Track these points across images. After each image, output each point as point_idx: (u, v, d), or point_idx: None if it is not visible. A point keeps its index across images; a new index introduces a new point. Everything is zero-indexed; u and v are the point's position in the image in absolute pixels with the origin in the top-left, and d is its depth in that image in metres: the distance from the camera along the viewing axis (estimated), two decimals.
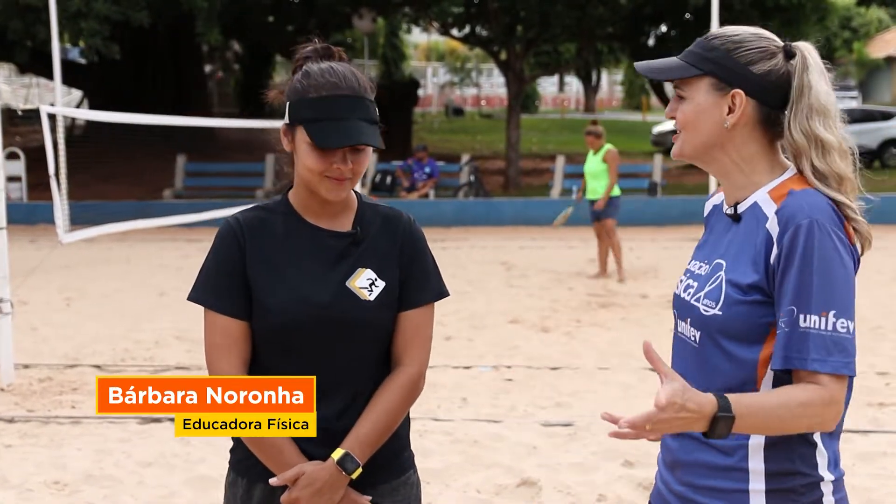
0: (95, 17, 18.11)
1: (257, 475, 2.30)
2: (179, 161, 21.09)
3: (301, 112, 2.25)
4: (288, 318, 2.26)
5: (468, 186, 19.76)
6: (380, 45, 39.65)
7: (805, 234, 1.89)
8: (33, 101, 36.19)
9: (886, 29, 50.79)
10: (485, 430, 5.86)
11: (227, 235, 2.33)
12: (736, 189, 2.07)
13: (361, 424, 2.27)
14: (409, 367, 2.34)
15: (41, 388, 6.95)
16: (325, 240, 2.32)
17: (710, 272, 2.04)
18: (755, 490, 1.96)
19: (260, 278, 2.29)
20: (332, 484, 2.24)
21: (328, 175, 2.24)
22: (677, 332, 2.14)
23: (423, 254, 2.39)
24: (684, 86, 2.06)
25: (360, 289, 2.30)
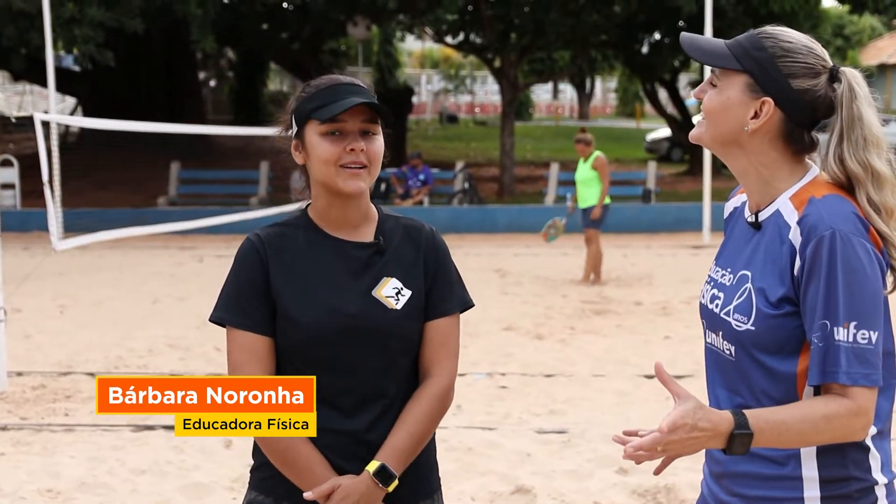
0: (89, 23, 18.10)
1: (284, 493, 2.25)
2: (173, 168, 21.07)
3: (306, 107, 2.26)
4: (317, 331, 2.23)
5: (462, 193, 19.77)
6: (374, 52, 39.67)
7: (828, 246, 1.87)
8: (27, 108, 36.13)
9: (879, 36, 50.98)
10: (479, 437, 5.85)
11: (248, 252, 2.29)
12: (757, 193, 2.03)
13: (395, 436, 2.24)
14: (439, 377, 2.32)
15: (34, 396, 6.94)
16: (348, 251, 2.30)
17: (736, 283, 2.01)
18: (810, 498, 1.94)
19: (286, 293, 2.25)
20: (368, 497, 2.20)
21: (343, 165, 2.23)
22: (707, 343, 2.10)
23: (446, 263, 2.38)
24: (722, 75, 2.02)
25: (387, 298, 2.28)
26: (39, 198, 9.08)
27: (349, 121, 2.23)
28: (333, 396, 2.25)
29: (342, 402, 2.25)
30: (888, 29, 50.58)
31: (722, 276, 2.07)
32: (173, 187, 21.11)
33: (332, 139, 2.23)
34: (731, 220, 2.17)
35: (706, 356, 2.13)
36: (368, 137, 2.26)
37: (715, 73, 2.03)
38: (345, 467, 2.23)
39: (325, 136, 2.23)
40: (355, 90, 2.25)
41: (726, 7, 19.75)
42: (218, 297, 2.32)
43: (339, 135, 2.23)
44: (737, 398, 2.00)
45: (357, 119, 2.24)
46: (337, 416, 2.24)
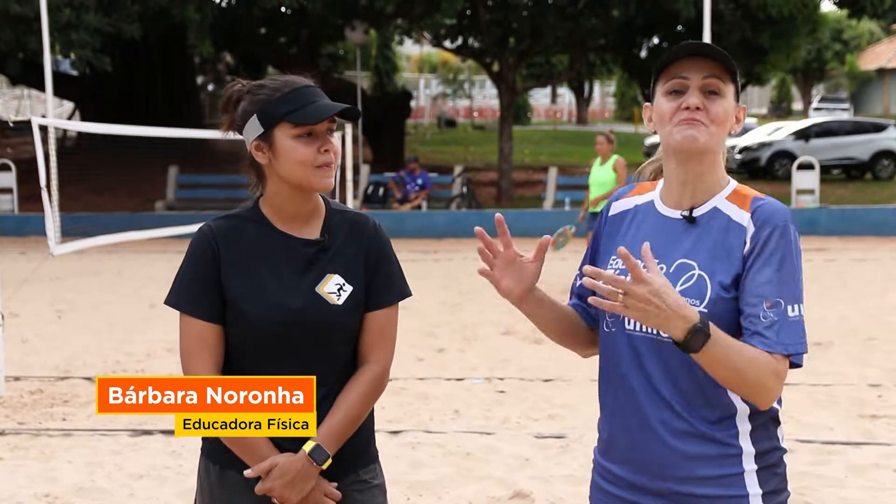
0: (86, 28, 18.10)
1: (229, 462, 2.41)
2: (171, 172, 21.07)
3: (278, 110, 2.37)
4: (263, 323, 2.37)
5: (461, 198, 19.77)
6: (372, 56, 39.72)
7: (783, 235, 2.12)
8: (24, 112, 36.15)
9: (878, 41, 51.05)
10: (477, 442, 5.84)
11: (200, 243, 2.44)
12: (698, 192, 2.21)
13: (331, 418, 2.39)
14: (375, 364, 2.47)
15: (32, 401, 6.92)
16: (295, 247, 2.44)
17: (676, 271, 2.16)
18: (749, 470, 2.16)
19: (235, 284, 2.40)
20: (303, 474, 2.36)
21: (318, 164, 2.37)
22: (624, 329, 2.22)
23: (388, 258, 2.51)
24: (725, 83, 2.19)
25: (329, 294, 2.42)
26: (37, 202, 9.07)
27: (319, 123, 2.37)
28: None
29: None
30: (887, 33, 50.69)
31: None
32: (171, 191, 21.12)
33: (306, 141, 2.37)
34: (621, 220, 2.33)
35: (621, 342, 2.22)
36: (332, 136, 2.41)
37: (722, 81, 2.18)
38: (286, 446, 2.37)
39: (299, 138, 2.37)
40: (318, 93, 2.41)
41: (724, 11, 19.76)
42: (172, 283, 2.46)
43: (311, 136, 2.38)
44: (673, 378, 2.15)
45: (325, 121, 2.38)
46: None
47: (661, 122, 2.19)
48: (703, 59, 2.17)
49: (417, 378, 7.35)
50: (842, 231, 17.25)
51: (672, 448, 2.16)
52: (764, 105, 54.70)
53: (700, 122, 2.14)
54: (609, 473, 2.28)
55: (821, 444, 5.71)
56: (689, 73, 2.16)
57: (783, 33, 21.32)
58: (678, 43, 2.22)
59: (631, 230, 2.29)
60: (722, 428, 2.15)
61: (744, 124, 13.94)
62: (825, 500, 4.83)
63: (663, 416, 2.16)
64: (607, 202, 2.40)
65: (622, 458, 2.24)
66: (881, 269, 13.43)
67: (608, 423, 2.30)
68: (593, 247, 2.39)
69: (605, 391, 2.32)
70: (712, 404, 2.14)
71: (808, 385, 6.99)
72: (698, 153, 2.16)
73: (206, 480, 2.49)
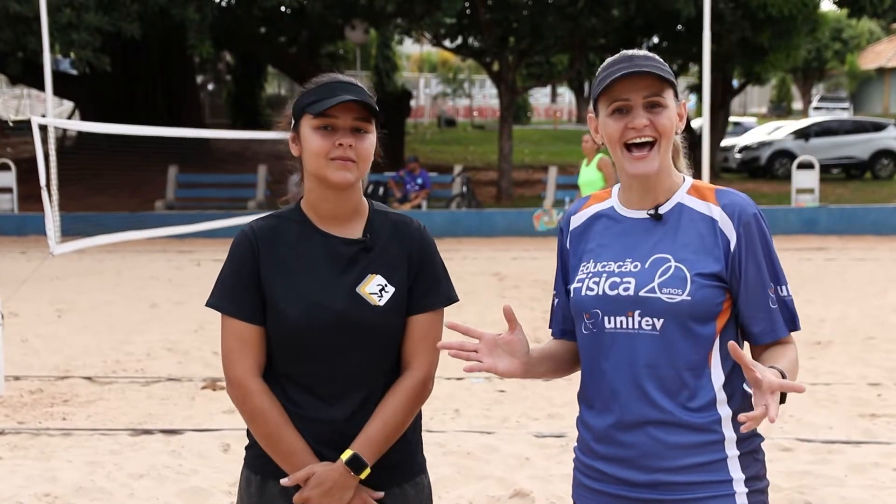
0: (86, 28, 18.10)
1: (271, 472, 2.38)
2: (171, 172, 21.07)
3: (303, 102, 2.37)
4: (301, 324, 2.34)
5: (460, 197, 19.77)
6: (372, 56, 39.70)
7: (758, 225, 2.25)
8: (24, 112, 36.14)
9: (877, 40, 51.02)
10: (477, 441, 5.84)
11: (241, 243, 2.41)
12: (660, 193, 2.30)
13: (370, 427, 2.35)
14: (418, 370, 2.42)
15: (32, 400, 6.92)
16: (336, 246, 2.40)
17: (651, 266, 2.24)
18: (731, 456, 2.23)
19: (274, 285, 2.37)
20: (341, 484, 2.32)
21: (332, 157, 2.32)
22: (604, 328, 2.27)
23: (432, 259, 2.46)
24: (665, 93, 2.26)
25: (371, 294, 2.37)
26: (37, 202, 9.07)
27: (341, 117, 2.33)
28: (316, 385, 2.37)
29: (324, 391, 2.37)
30: (886, 33, 50.66)
31: (620, 266, 2.28)
32: (171, 191, 21.11)
33: (324, 133, 2.34)
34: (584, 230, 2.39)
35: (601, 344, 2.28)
36: (359, 135, 2.35)
37: (660, 96, 2.25)
38: (326, 455, 2.35)
39: (318, 129, 2.34)
40: (351, 88, 2.35)
41: (724, 11, 19.76)
42: (214, 284, 2.44)
43: (330, 129, 2.34)
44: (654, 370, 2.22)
45: (349, 116, 2.33)
46: (319, 404, 2.36)
47: (610, 143, 2.28)
48: (642, 78, 2.23)
49: None
50: (841, 230, 17.25)
51: (656, 440, 2.21)
52: (764, 104, 54.69)
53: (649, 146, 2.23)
54: (593, 471, 2.32)
55: (821, 443, 5.71)
56: (630, 94, 2.23)
57: (783, 33, 21.31)
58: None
59: (597, 237, 2.36)
60: (703, 416, 2.21)
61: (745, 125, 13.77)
62: (825, 499, 4.83)
63: (645, 409, 2.22)
64: (565, 216, 2.46)
65: (606, 454, 2.28)
66: (881, 268, 13.43)
67: (591, 422, 2.33)
68: (561, 264, 2.46)
69: (586, 390, 2.36)
70: (692, 394, 2.22)
71: (808, 384, 6.99)
72: (652, 177, 2.27)
73: (247, 491, 2.45)
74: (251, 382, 2.35)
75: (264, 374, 2.38)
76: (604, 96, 2.26)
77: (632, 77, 2.22)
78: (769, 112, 51.28)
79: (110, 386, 7.34)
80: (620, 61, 2.25)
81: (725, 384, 2.24)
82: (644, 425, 2.22)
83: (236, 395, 2.37)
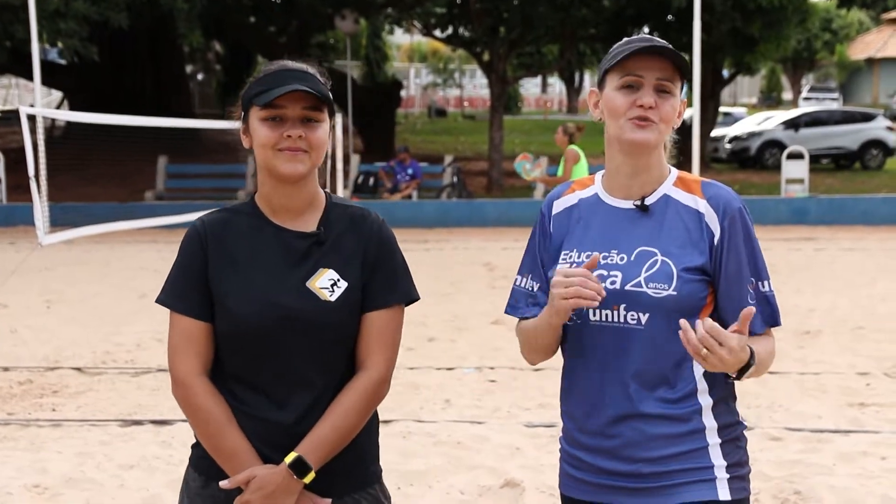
0: (74, 17, 17.99)
1: (215, 473, 2.30)
2: (161, 162, 21.00)
3: (250, 93, 2.29)
4: (249, 320, 2.25)
5: (451, 187, 19.76)
6: (362, 46, 39.60)
7: (742, 219, 2.25)
8: (12, 101, 35.98)
9: (867, 31, 51.11)
10: (468, 431, 5.85)
11: (190, 238, 2.35)
12: (647, 183, 2.30)
13: (318, 428, 2.25)
14: (373, 370, 2.30)
15: (21, 391, 6.90)
16: (288, 240, 2.31)
17: (637, 259, 2.24)
18: (713, 444, 2.26)
19: (222, 280, 2.29)
20: (284, 488, 2.22)
21: (281, 148, 2.24)
22: (591, 321, 2.27)
23: (390, 255, 2.35)
24: (675, 83, 2.25)
25: (321, 289, 2.27)
26: (25, 192, 9.05)
27: (289, 107, 2.24)
28: (265, 385, 2.28)
29: (273, 390, 2.28)
30: (876, 23, 50.74)
31: (605, 257, 2.27)
32: (160, 181, 21.04)
33: (272, 124, 2.25)
34: (567, 217, 2.37)
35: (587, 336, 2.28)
36: (309, 125, 2.26)
37: (670, 81, 2.24)
38: (273, 457, 2.25)
39: (265, 121, 2.25)
40: (300, 77, 2.25)
41: (715, 2, 19.75)
42: (164, 281, 2.37)
43: (279, 120, 2.25)
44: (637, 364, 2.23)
45: (298, 106, 2.24)
46: (267, 404, 2.27)
47: (612, 115, 2.26)
48: (658, 59, 2.21)
49: (408, 368, 7.34)
50: (831, 220, 17.30)
51: (638, 430, 2.23)
52: (754, 95, 54.76)
53: (651, 123, 2.22)
54: (577, 460, 2.33)
55: (810, 432, 5.73)
56: (644, 72, 2.22)
57: (773, 23, 21.32)
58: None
59: (580, 226, 2.34)
60: (684, 406, 2.23)
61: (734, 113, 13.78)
62: (814, 488, 4.85)
63: (627, 404, 2.24)
64: (546, 201, 2.43)
65: (589, 445, 2.30)
66: (870, 258, 13.47)
67: (574, 412, 2.34)
68: (537, 248, 2.40)
69: (569, 382, 2.36)
70: (674, 385, 2.24)
71: (797, 374, 7.01)
72: (647, 150, 2.25)
73: (188, 491, 2.39)
74: (195, 381, 2.27)
75: (213, 372, 2.31)
76: (616, 69, 2.25)
77: (650, 55, 2.21)
78: (759, 102, 51.36)
79: (100, 377, 7.33)
80: (641, 40, 2.25)
81: (706, 374, 2.24)
82: (626, 419, 2.24)
83: (179, 394, 2.29)
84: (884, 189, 20.59)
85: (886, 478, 5.02)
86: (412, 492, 4.89)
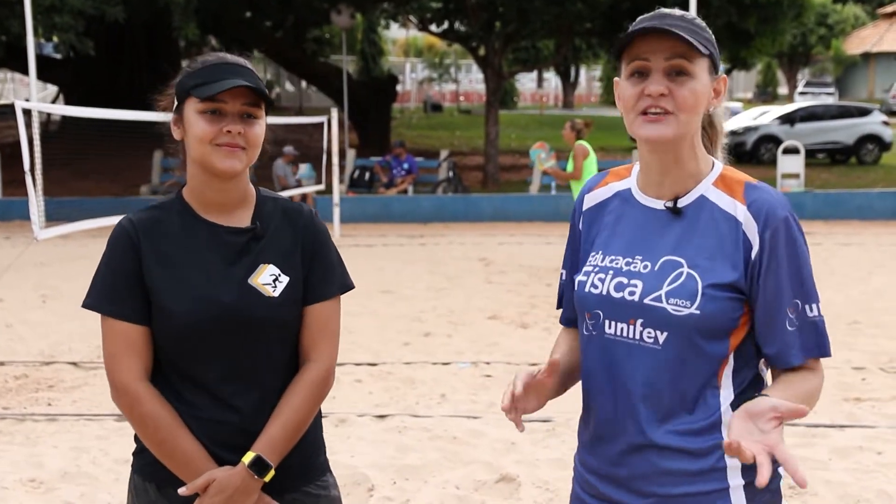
0: (69, 11, 17.95)
1: (167, 479, 2.22)
2: (156, 157, 20.97)
3: (187, 83, 2.22)
4: (190, 320, 2.18)
5: (447, 182, 19.75)
6: (358, 40, 39.59)
7: (788, 230, 1.94)
8: (8, 96, 35.91)
9: (863, 25, 51.14)
10: (464, 426, 5.85)
11: (120, 238, 2.27)
12: (680, 180, 2.02)
13: (271, 425, 2.21)
14: (317, 362, 2.28)
15: (17, 386, 6.90)
16: (223, 236, 2.26)
17: (661, 269, 1.98)
18: (735, 486, 1.98)
19: (158, 281, 2.22)
20: (244, 489, 2.18)
21: (219, 143, 2.19)
22: (604, 333, 2.04)
23: (325, 247, 2.33)
24: (693, 60, 1.94)
25: (264, 285, 2.23)
26: (21, 187, 9.03)
27: (229, 102, 2.19)
28: (210, 384, 2.22)
29: (219, 390, 2.22)
30: (871, 18, 50.78)
31: (629, 263, 2.03)
32: (156, 176, 21.01)
33: (210, 118, 2.19)
34: (599, 211, 2.15)
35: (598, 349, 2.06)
36: (248, 121, 2.21)
37: (689, 61, 1.94)
38: (224, 457, 2.21)
39: (203, 114, 2.19)
40: (239, 71, 2.22)
41: None
42: (90, 284, 2.28)
43: (217, 114, 2.19)
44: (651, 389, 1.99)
45: (238, 101, 2.19)
46: (216, 405, 2.22)
47: (625, 109, 2.00)
48: (663, 38, 1.92)
49: (404, 362, 7.35)
50: (826, 215, 17.32)
51: (650, 463, 1.99)
52: (749, 89, 54.78)
53: (664, 114, 1.94)
54: (589, 486, 2.14)
55: (805, 426, 5.74)
56: (649, 55, 1.94)
57: (769, 18, 21.32)
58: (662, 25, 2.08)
59: (609, 224, 2.11)
60: (704, 440, 1.97)
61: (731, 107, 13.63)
62: (809, 483, 4.86)
63: (638, 429, 2.00)
64: (579, 194, 2.22)
65: (598, 470, 2.10)
66: (865, 253, 13.49)
67: (585, 430, 2.16)
68: (572, 243, 2.22)
69: (584, 393, 2.15)
70: (693, 412, 1.98)
71: None
72: (667, 145, 1.98)
73: (139, 501, 2.27)
74: (138, 387, 2.19)
75: (154, 376, 2.23)
76: (625, 55, 1.98)
77: (653, 36, 1.92)
78: (755, 97, 51.38)
79: (96, 371, 7.32)
80: (651, 18, 1.96)
81: (734, 402, 1.98)
82: (640, 449, 2.00)
83: (124, 402, 2.20)
84: (880, 184, 20.62)
85: (882, 472, 5.03)
86: (408, 487, 4.89)
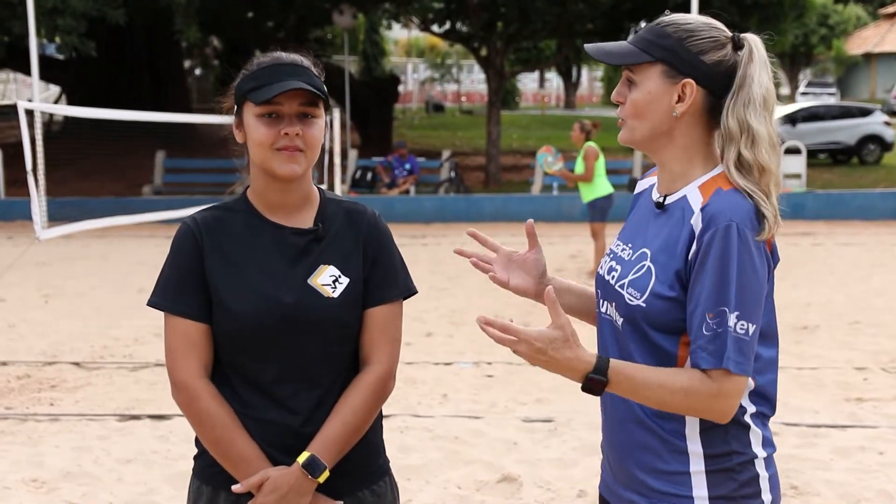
0: (72, 13, 17.95)
1: (222, 482, 2.24)
2: (158, 157, 20.98)
3: (244, 87, 2.23)
4: (250, 320, 2.19)
5: (448, 183, 19.75)
6: (360, 41, 39.59)
7: (725, 237, 1.94)
8: (10, 96, 35.94)
9: (864, 26, 51.10)
10: (465, 426, 5.86)
11: (184, 237, 2.27)
12: (672, 179, 2.11)
13: (328, 426, 2.21)
14: (377, 365, 2.27)
15: (19, 386, 6.91)
16: (286, 237, 2.26)
17: (635, 259, 2.09)
18: (696, 471, 2.03)
19: (220, 280, 2.22)
20: (298, 489, 2.17)
21: (278, 147, 2.18)
22: (600, 311, 2.19)
23: (388, 249, 2.33)
24: (636, 71, 2.08)
25: (324, 286, 2.23)
26: (23, 187, 9.04)
27: (286, 103, 2.18)
28: (268, 385, 2.23)
29: (276, 390, 2.22)
30: (873, 18, 50.75)
31: (622, 250, 2.16)
32: (158, 176, 21.03)
33: (268, 121, 2.19)
34: (639, 197, 2.26)
35: (601, 326, 2.20)
36: (306, 121, 2.21)
37: (631, 72, 2.08)
38: (282, 460, 2.20)
39: (261, 117, 2.19)
40: (295, 71, 2.21)
41: None
42: (156, 282, 2.29)
43: (275, 117, 2.19)
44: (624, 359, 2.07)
45: (294, 102, 2.19)
46: (271, 405, 2.22)
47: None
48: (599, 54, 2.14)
49: (405, 362, 7.36)
50: (828, 215, 17.31)
51: (628, 432, 2.10)
52: None
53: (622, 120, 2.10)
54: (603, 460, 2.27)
55: (807, 426, 5.75)
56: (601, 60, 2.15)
57: (770, 18, 21.31)
58: (585, 49, 2.17)
59: (632, 213, 2.26)
60: (667, 421, 2.04)
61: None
62: (810, 483, 4.86)
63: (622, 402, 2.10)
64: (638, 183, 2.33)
65: (604, 448, 2.24)
66: (867, 252, 13.49)
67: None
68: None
69: None
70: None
71: (794, 368, 7.03)
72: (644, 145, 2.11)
73: (197, 502, 2.31)
74: (198, 385, 2.20)
75: (213, 374, 2.24)
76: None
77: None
78: None
79: (98, 371, 7.33)
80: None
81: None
82: (620, 417, 2.12)
83: (182, 399, 2.22)
84: (881, 184, 20.61)
85: (883, 472, 5.03)
86: (410, 486, 4.90)
